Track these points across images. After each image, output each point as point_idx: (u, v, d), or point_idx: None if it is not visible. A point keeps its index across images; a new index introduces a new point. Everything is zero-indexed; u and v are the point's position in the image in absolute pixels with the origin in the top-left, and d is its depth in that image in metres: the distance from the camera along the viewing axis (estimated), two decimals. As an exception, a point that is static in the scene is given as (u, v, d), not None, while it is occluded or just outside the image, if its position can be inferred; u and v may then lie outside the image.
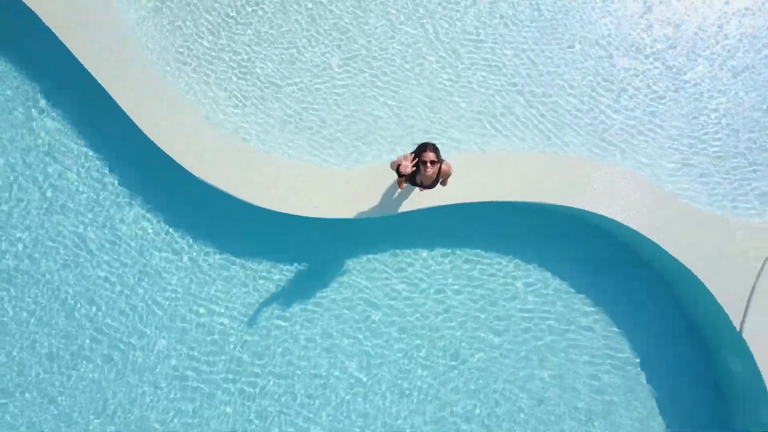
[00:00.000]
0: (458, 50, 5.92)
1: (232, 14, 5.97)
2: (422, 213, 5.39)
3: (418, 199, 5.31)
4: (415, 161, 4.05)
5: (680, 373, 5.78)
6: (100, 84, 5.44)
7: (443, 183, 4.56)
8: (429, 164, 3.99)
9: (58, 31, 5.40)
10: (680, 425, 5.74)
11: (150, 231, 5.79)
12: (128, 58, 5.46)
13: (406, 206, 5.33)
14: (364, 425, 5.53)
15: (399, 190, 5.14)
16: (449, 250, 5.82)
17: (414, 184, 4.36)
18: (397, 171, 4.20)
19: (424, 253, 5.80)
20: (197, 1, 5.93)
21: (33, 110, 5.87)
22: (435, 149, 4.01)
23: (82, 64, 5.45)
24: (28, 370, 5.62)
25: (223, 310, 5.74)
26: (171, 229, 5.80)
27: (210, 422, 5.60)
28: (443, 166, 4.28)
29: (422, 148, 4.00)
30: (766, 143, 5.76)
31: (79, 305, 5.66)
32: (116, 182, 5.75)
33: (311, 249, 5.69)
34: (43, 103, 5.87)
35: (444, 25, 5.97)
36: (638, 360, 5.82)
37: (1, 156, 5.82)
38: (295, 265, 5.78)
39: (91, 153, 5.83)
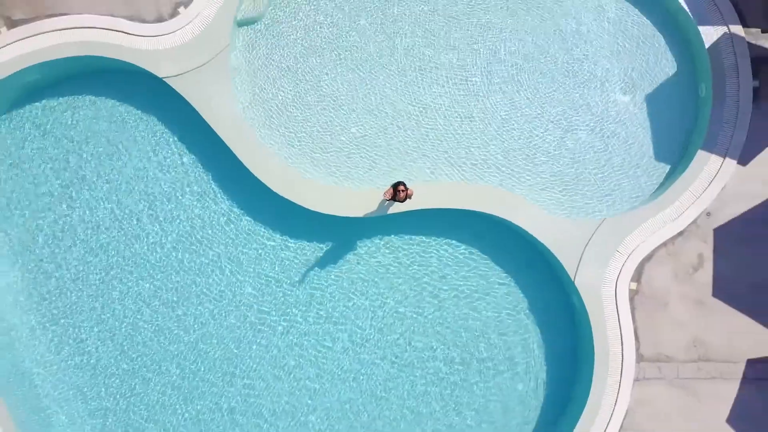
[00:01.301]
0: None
1: (295, 112, 10.34)
2: (401, 215, 9.73)
3: (398, 207, 9.65)
4: (393, 190, 8.51)
5: (548, 305, 10.16)
6: (222, 140, 9.77)
7: (410, 198, 8.93)
8: (401, 191, 8.39)
9: (200, 108, 9.73)
10: (546, 336, 10.14)
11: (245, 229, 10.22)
12: (237, 128, 9.81)
13: (391, 210, 9.69)
14: (363, 324, 9.99)
15: (387, 202, 9.51)
16: (420, 237, 10.23)
17: (395, 200, 8.74)
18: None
19: (408, 236, 10.20)
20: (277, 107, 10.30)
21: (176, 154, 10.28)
22: (404, 183, 8.43)
23: (213, 130, 9.77)
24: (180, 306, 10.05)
25: (282, 273, 10.16)
26: (255, 226, 10.22)
27: (273, 330, 10.03)
28: (409, 191, 8.68)
29: (397, 184, 8.43)
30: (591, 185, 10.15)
31: (210, 270, 10.11)
32: (230, 201, 10.20)
33: (338, 233, 10.11)
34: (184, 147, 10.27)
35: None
36: (526, 300, 10.19)
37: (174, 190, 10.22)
38: (327, 244, 10.19)
39: (214, 183, 10.23)
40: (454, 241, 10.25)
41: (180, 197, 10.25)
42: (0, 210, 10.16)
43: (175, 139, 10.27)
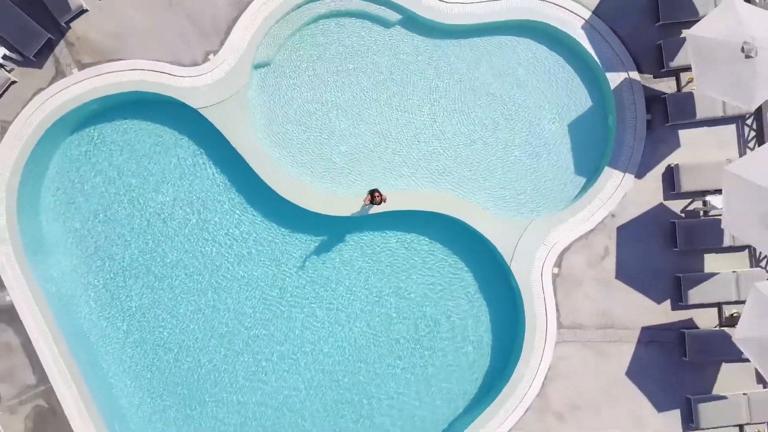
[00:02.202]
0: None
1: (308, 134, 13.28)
2: (379, 215, 12.67)
3: (376, 209, 12.58)
4: (371, 196, 11.50)
5: (491, 286, 13.12)
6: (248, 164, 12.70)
7: (384, 202, 11.89)
8: (377, 197, 11.38)
9: (224, 131, 12.66)
10: (492, 309, 13.09)
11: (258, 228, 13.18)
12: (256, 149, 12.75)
13: (372, 211, 12.62)
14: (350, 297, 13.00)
15: (367, 205, 12.44)
16: (394, 232, 13.20)
17: (372, 203, 11.71)
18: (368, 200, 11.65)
19: (384, 231, 13.17)
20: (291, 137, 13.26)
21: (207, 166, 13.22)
22: (378, 190, 11.42)
23: (234, 149, 12.69)
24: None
25: (286, 256, 13.12)
26: (267, 223, 13.17)
27: (288, 305, 13.02)
28: (383, 196, 11.67)
29: (373, 190, 11.42)
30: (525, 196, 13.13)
31: (230, 254, 13.07)
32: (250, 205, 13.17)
33: (330, 228, 13.06)
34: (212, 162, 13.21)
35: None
36: (476, 281, 13.14)
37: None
38: (322, 236, 13.15)
39: (234, 189, 13.17)
40: (420, 236, 13.23)
41: (206, 197, 13.21)
42: (66, 206, 13.12)
43: (204, 154, 13.21)
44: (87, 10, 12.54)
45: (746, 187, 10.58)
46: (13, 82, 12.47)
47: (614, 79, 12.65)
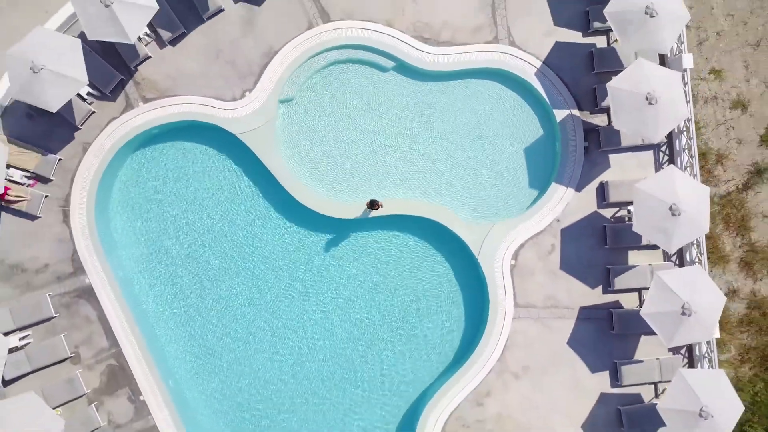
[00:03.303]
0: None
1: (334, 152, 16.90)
2: (376, 218, 16.28)
3: (374, 213, 16.18)
4: (370, 203, 15.16)
5: (464, 275, 16.74)
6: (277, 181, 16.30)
7: (381, 207, 15.50)
8: (375, 204, 15.02)
9: (263, 158, 16.26)
10: (464, 292, 16.71)
11: (275, 228, 16.78)
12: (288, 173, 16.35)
13: (371, 215, 16.22)
14: (351, 287, 16.62)
15: (366, 211, 16.01)
16: (388, 231, 16.81)
17: (371, 209, 15.31)
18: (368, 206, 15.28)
19: (380, 231, 16.79)
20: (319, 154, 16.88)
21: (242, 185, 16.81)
22: (376, 200, 15.10)
23: (265, 166, 16.28)
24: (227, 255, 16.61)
25: (301, 249, 16.72)
26: (287, 222, 16.77)
27: (295, 287, 16.63)
28: (380, 203, 15.31)
29: (373, 201, 15.07)
30: (493, 205, 16.77)
31: (255, 249, 16.67)
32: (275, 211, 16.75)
33: (338, 228, 16.66)
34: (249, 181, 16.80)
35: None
36: (452, 271, 16.77)
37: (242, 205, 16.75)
38: (332, 233, 16.75)
39: (263, 198, 16.76)
40: (409, 235, 16.83)
41: (238, 203, 16.79)
42: (130, 208, 16.67)
43: (239, 169, 16.78)
44: (151, 57, 16.14)
45: (649, 200, 14.26)
46: (93, 112, 16.05)
47: (560, 114, 16.30)
